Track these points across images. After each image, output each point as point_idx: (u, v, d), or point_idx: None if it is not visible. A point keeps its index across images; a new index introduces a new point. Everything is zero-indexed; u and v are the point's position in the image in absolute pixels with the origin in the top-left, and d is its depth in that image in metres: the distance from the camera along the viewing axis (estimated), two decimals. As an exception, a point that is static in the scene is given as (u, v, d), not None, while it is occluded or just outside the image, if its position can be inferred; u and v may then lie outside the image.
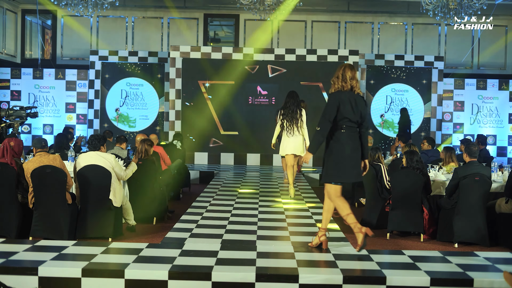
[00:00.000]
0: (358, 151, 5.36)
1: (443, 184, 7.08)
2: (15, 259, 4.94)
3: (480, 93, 15.50)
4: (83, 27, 15.95)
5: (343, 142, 5.29)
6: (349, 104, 5.26)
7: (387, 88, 15.16)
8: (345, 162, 5.30)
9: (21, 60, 16.05)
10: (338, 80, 5.37)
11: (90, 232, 6.24)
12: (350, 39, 16.09)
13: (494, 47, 16.15)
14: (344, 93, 5.30)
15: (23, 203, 6.28)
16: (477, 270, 4.94)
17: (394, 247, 6.27)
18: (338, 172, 5.32)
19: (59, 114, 15.34)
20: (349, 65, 5.43)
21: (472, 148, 6.63)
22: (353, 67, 5.42)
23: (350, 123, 5.29)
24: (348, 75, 5.35)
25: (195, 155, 14.08)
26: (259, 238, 6.05)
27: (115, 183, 6.36)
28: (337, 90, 5.34)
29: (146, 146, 7.59)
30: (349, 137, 5.31)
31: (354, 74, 5.38)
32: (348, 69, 5.37)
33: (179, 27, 16.12)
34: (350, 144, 5.30)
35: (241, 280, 4.59)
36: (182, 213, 7.43)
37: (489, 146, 14.51)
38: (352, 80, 5.35)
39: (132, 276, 4.62)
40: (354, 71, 5.39)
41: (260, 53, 14.29)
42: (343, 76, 5.36)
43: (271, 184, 10.61)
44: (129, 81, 15.11)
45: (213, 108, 14.28)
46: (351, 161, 5.32)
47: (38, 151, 6.31)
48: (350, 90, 5.33)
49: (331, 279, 4.60)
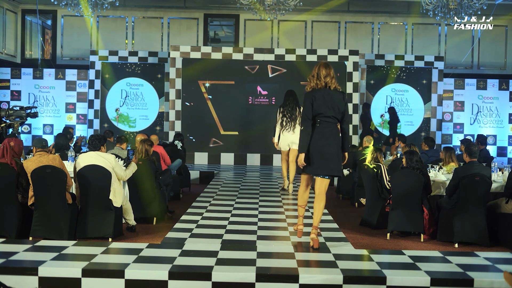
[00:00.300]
0: (333, 145, 5.57)
1: (443, 184, 7.08)
2: (15, 259, 4.94)
3: (480, 93, 15.50)
4: (83, 27, 15.95)
5: (315, 137, 5.56)
6: (322, 100, 5.54)
7: (387, 88, 15.17)
8: (314, 156, 5.54)
9: (21, 60, 16.04)
10: (314, 78, 5.66)
11: (90, 232, 6.24)
12: (350, 39, 16.09)
13: (494, 47, 16.16)
14: (317, 91, 5.59)
15: (23, 203, 6.28)
16: (477, 270, 4.94)
17: (394, 247, 6.27)
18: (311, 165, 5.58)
19: (59, 114, 15.34)
20: (324, 63, 5.71)
21: (472, 148, 6.63)
22: (328, 65, 5.69)
23: (324, 118, 5.56)
24: (323, 73, 5.62)
25: (195, 155, 14.08)
26: (259, 238, 6.05)
27: (115, 183, 6.35)
28: (312, 88, 5.64)
29: (146, 146, 7.60)
30: (323, 131, 5.56)
31: (329, 71, 5.63)
32: (323, 68, 5.64)
33: (179, 27, 16.12)
34: (322, 139, 5.54)
35: (241, 280, 4.59)
36: (182, 213, 7.44)
37: (489, 146, 14.51)
38: (326, 78, 5.61)
39: (132, 276, 4.62)
40: (329, 69, 5.65)
41: (260, 53, 14.29)
42: (317, 75, 5.64)
43: (271, 184, 10.61)
44: (129, 81, 15.11)
45: (213, 108, 14.28)
46: (321, 154, 5.54)
47: (38, 151, 6.31)
48: (324, 87, 5.60)
49: (331, 279, 4.60)
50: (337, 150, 5.60)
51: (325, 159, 5.54)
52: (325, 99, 5.55)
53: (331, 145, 5.55)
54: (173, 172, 9.39)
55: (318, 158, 5.54)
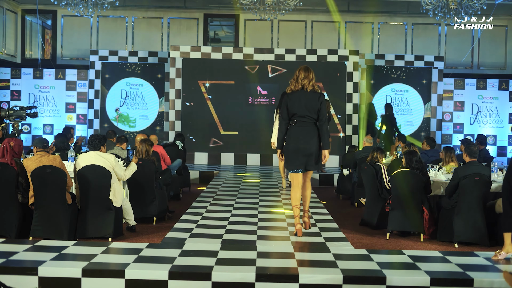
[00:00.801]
0: (310, 143, 6.02)
1: (443, 184, 7.08)
2: (15, 259, 4.94)
3: (480, 93, 15.50)
4: (83, 27, 15.95)
5: (290, 135, 6.09)
6: (297, 101, 6.02)
7: (387, 88, 15.17)
8: (290, 153, 6.08)
9: (21, 60, 16.04)
10: (293, 81, 6.15)
11: (90, 232, 6.24)
12: (350, 39, 16.09)
13: (494, 47, 16.15)
14: (293, 93, 6.09)
15: (23, 203, 6.29)
16: (477, 270, 4.94)
17: (394, 247, 6.27)
18: (287, 161, 6.16)
19: (59, 114, 15.34)
20: (305, 67, 6.16)
21: (472, 148, 6.63)
22: (308, 68, 6.14)
23: (299, 117, 6.04)
24: (301, 76, 6.08)
25: (195, 155, 14.08)
26: (259, 238, 6.06)
27: (115, 183, 6.36)
28: (291, 90, 6.12)
29: (146, 146, 7.60)
30: (299, 130, 6.05)
31: (307, 75, 6.08)
32: (302, 71, 6.12)
33: (179, 27, 16.12)
34: (298, 137, 6.03)
35: (241, 280, 4.59)
36: (182, 213, 7.44)
37: (489, 146, 14.51)
38: (304, 80, 6.06)
39: (132, 276, 4.62)
40: (308, 72, 6.10)
41: (260, 53, 14.29)
42: (297, 78, 6.11)
43: (271, 184, 10.61)
44: (129, 81, 15.11)
45: (213, 108, 14.28)
46: (297, 152, 6.03)
47: (39, 151, 6.31)
48: (301, 89, 6.05)
49: (331, 279, 4.60)
50: (315, 147, 6.04)
51: (302, 155, 6.03)
52: (300, 100, 6.01)
53: (308, 143, 6.01)
54: (173, 172, 9.39)
55: (296, 155, 6.04)
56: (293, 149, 6.05)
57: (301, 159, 6.03)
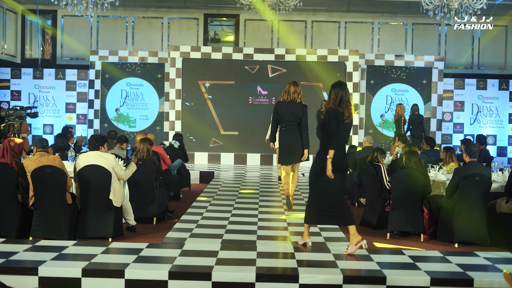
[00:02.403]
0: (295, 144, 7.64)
1: (443, 184, 7.08)
2: (15, 259, 4.94)
3: (480, 93, 15.51)
4: (83, 27, 15.95)
5: (282, 138, 7.71)
6: (286, 110, 7.60)
7: (387, 88, 15.17)
8: (282, 151, 7.75)
9: (21, 60, 16.05)
10: (285, 93, 7.68)
11: (90, 232, 6.23)
12: (350, 39, 16.09)
13: (494, 47, 16.15)
14: (283, 103, 7.65)
15: (23, 203, 6.28)
16: (477, 270, 4.94)
17: (394, 247, 6.26)
18: (279, 157, 7.89)
19: (59, 114, 15.35)
20: (294, 82, 7.73)
21: (472, 148, 6.62)
22: (296, 83, 7.70)
23: (287, 122, 7.63)
24: (291, 90, 7.63)
25: (195, 155, 14.08)
26: (259, 238, 6.06)
27: (115, 183, 6.35)
28: (283, 99, 7.65)
29: (147, 145, 7.59)
30: (286, 132, 7.64)
31: (296, 89, 7.63)
32: (292, 86, 7.66)
33: (179, 27, 16.12)
34: (286, 138, 7.64)
35: (241, 280, 4.59)
36: (182, 213, 7.44)
37: (489, 146, 14.51)
38: (294, 94, 7.62)
39: (132, 276, 4.62)
40: (297, 86, 7.67)
41: (260, 53, 14.29)
42: (288, 91, 7.65)
43: (271, 184, 10.61)
44: (129, 81, 15.11)
45: (213, 108, 14.28)
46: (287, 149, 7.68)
47: (39, 151, 6.30)
48: (292, 101, 7.61)
49: (331, 279, 4.61)
50: (298, 147, 7.65)
51: (290, 152, 7.68)
52: (288, 109, 7.60)
53: (296, 141, 7.65)
54: (173, 172, 9.39)
55: (287, 152, 7.71)
56: (284, 148, 7.70)
57: (290, 156, 7.70)
